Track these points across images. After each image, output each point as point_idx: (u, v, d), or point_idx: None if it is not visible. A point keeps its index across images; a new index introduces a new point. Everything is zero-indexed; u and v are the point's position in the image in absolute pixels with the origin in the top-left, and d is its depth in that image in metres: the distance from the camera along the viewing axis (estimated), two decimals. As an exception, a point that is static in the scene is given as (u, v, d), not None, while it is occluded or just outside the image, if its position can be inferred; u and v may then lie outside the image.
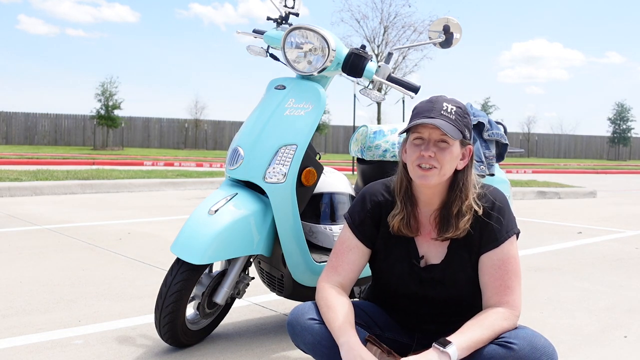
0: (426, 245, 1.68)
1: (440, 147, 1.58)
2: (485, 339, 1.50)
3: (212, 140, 37.19)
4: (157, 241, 4.61)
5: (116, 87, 28.80)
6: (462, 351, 1.46)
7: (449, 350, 1.43)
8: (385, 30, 22.99)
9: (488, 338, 1.50)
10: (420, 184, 1.62)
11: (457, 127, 1.59)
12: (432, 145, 1.58)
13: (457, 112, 1.61)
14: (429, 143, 1.58)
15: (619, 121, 44.87)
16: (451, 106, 1.61)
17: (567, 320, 2.79)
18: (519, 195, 9.44)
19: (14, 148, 25.41)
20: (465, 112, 1.64)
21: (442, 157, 1.57)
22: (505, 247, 1.60)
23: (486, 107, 40.47)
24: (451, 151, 1.58)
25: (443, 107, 1.60)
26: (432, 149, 1.57)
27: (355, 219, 1.73)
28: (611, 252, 4.70)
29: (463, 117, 1.62)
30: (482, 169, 2.57)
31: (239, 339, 2.42)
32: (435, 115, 1.58)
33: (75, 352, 2.21)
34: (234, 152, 2.25)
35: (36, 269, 3.55)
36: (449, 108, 1.60)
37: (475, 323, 1.52)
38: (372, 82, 2.37)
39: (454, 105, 1.62)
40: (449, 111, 1.59)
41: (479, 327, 1.51)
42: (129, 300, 2.94)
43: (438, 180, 1.59)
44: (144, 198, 7.81)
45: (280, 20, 2.68)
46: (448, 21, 2.43)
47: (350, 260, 1.71)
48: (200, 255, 2.01)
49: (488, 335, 1.50)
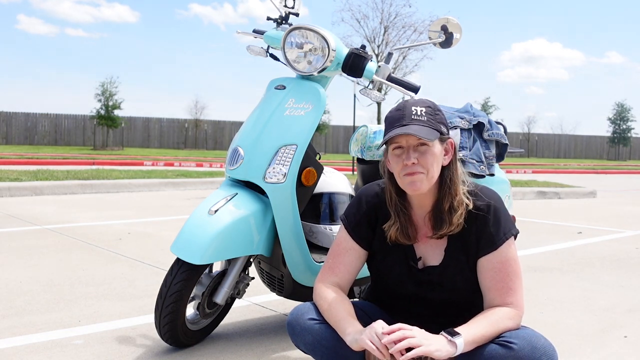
0: (423, 246, 1.68)
1: (420, 151, 1.58)
2: (490, 336, 1.50)
3: (212, 140, 37.20)
4: (157, 241, 4.61)
5: (116, 87, 28.83)
6: (467, 344, 1.46)
7: (456, 340, 1.44)
8: (385, 30, 23.03)
9: (492, 335, 1.50)
10: (412, 192, 1.61)
11: (432, 127, 1.58)
12: (413, 152, 1.57)
13: (427, 112, 1.60)
14: (409, 150, 1.58)
15: (619, 121, 44.87)
16: (420, 108, 1.60)
17: (567, 320, 2.79)
18: (519, 195, 9.44)
19: (14, 148, 25.41)
20: (436, 109, 1.63)
21: (424, 161, 1.57)
22: (504, 250, 1.60)
23: (486, 107, 40.46)
24: (433, 152, 1.58)
25: (412, 111, 1.59)
26: (413, 155, 1.57)
27: (352, 220, 1.73)
28: (611, 252, 4.70)
29: (435, 115, 1.62)
30: (482, 169, 2.56)
31: (239, 339, 2.42)
32: (407, 122, 1.58)
33: (75, 352, 2.21)
34: (234, 152, 2.25)
35: (36, 269, 3.55)
36: (418, 110, 1.60)
37: (482, 318, 1.53)
38: (372, 82, 2.37)
39: (423, 106, 1.61)
40: (419, 114, 1.59)
41: (486, 322, 1.51)
42: (129, 300, 2.94)
43: (428, 184, 1.59)
44: (144, 198, 7.81)
45: (280, 20, 2.68)
46: (448, 21, 2.43)
47: (347, 262, 1.71)
48: (200, 255, 2.01)
49: (493, 332, 1.50)
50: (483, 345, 1.49)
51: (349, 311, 1.59)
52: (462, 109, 2.66)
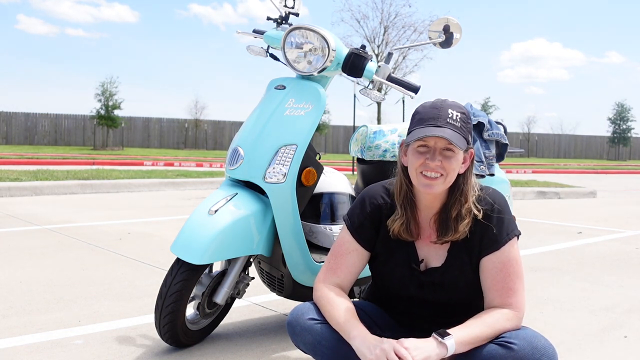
0: (426, 248, 1.67)
1: (445, 155, 1.56)
2: (485, 337, 1.50)
3: (212, 140, 37.19)
4: (157, 241, 4.61)
5: (116, 87, 28.79)
6: (460, 345, 1.46)
7: (446, 341, 1.44)
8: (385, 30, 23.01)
9: (488, 336, 1.50)
10: (425, 191, 1.60)
11: (463, 135, 1.57)
12: (438, 154, 1.55)
13: (462, 118, 1.58)
14: (435, 152, 1.56)
15: (619, 121, 44.84)
16: (456, 113, 1.58)
17: (567, 320, 2.79)
18: (519, 195, 9.44)
19: (14, 148, 25.41)
20: (469, 117, 1.62)
21: (448, 165, 1.55)
22: (506, 250, 1.60)
23: (486, 107, 40.45)
24: (457, 159, 1.57)
25: (449, 114, 1.57)
26: (437, 157, 1.55)
27: (355, 221, 1.72)
28: (611, 252, 4.70)
29: (467, 123, 1.60)
30: (482, 169, 2.57)
31: (239, 339, 2.42)
32: (442, 124, 1.55)
33: (75, 352, 2.21)
34: (234, 152, 2.25)
35: (36, 269, 3.55)
36: (455, 115, 1.57)
37: (477, 320, 1.53)
38: (372, 82, 2.37)
39: (459, 112, 1.59)
40: (454, 119, 1.57)
41: (481, 324, 1.51)
42: (129, 300, 2.94)
43: (443, 187, 1.58)
44: (144, 198, 7.81)
45: (280, 20, 2.68)
46: (448, 21, 2.43)
47: (349, 263, 1.71)
48: (200, 256, 2.01)
49: (488, 333, 1.50)
50: (483, 346, 1.49)
51: (352, 313, 1.59)
52: (462, 109, 2.66)
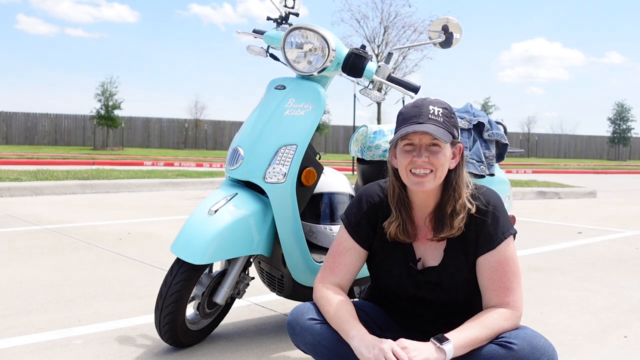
0: (423, 247, 1.68)
1: (432, 151, 1.57)
2: (484, 338, 1.50)
3: (212, 140, 37.19)
4: (157, 241, 4.61)
5: (116, 87, 28.81)
6: (459, 349, 1.46)
7: (445, 347, 1.44)
8: (385, 30, 23.01)
9: (487, 337, 1.50)
10: (417, 189, 1.61)
11: (447, 129, 1.59)
12: (424, 150, 1.57)
13: (444, 113, 1.61)
14: (421, 149, 1.58)
15: (619, 121, 44.84)
16: (437, 108, 1.60)
17: (567, 320, 2.79)
18: (519, 195, 9.44)
19: (14, 148, 25.41)
20: (451, 112, 1.64)
21: (436, 161, 1.57)
22: (502, 249, 1.60)
23: (486, 107, 40.46)
24: (444, 154, 1.58)
25: (430, 110, 1.59)
26: (424, 154, 1.57)
27: (352, 220, 1.73)
28: (611, 252, 4.70)
29: (450, 118, 1.62)
30: (482, 169, 2.57)
31: (239, 339, 2.42)
32: (423, 120, 1.57)
33: (75, 352, 2.21)
34: (234, 152, 2.25)
35: (36, 269, 3.55)
36: (436, 111, 1.60)
37: (475, 321, 1.53)
38: (372, 82, 2.37)
39: (440, 107, 1.61)
40: (436, 114, 1.59)
41: (478, 325, 1.51)
42: (129, 300, 2.94)
43: (434, 184, 1.59)
44: (144, 198, 7.81)
45: (280, 20, 2.68)
46: (448, 21, 2.43)
47: (347, 262, 1.71)
48: (200, 255, 2.01)
49: (487, 334, 1.50)
50: (482, 346, 1.49)
51: (351, 313, 1.59)
52: (462, 109, 2.66)
